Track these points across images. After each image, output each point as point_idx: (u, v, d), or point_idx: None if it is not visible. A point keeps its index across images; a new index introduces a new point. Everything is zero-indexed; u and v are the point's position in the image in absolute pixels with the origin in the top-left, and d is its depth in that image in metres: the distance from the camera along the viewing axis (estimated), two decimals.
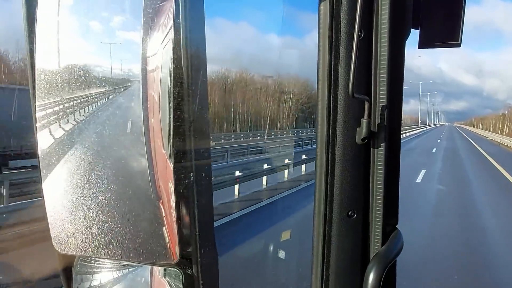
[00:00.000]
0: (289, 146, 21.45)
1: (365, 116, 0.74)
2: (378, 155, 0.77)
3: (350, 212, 0.79)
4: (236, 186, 10.49)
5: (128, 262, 0.63)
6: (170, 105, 0.52)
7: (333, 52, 0.74)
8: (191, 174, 0.54)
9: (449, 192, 12.65)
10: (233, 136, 39.88)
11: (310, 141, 21.52)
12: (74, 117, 0.56)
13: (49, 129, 0.57)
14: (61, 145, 0.57)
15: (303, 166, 14.27)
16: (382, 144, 0.76)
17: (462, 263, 6.27)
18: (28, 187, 8.69)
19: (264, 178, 12.00)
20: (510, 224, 9.07)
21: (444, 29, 0.79)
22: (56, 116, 0.57)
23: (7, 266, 5.22)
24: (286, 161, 14.15)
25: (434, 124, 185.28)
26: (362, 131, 0.74)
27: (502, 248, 7.11)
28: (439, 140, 44.68)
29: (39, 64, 0.56)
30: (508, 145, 38.47)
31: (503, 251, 6.92)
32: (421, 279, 5.47)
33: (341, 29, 0.73)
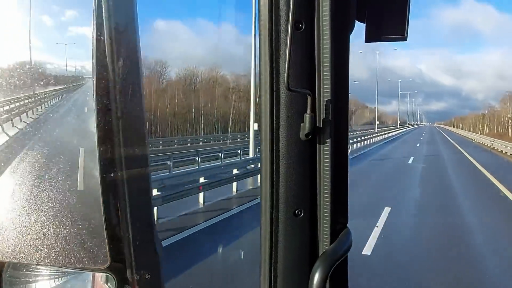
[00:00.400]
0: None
1: (308, 110, 0.73)
2: (324, 151, 0.76)
3: (296, 211, 0.78)
4: (201, 195, 9.68)
5: (58, 268, 0.60)
6: (95, 102, 0.50)
7: (273, 44, 0.73)
8: (121, 174, 0.52)
9: None
10: (201, 139, 39.28)
11: None
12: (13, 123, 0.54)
13: None
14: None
15: None
16: (328, 140, 0.75)
17: None
18: None
19: (234, 184, 11.20)
20: None
21: (391, 22, 0.78)
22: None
23: None
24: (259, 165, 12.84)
25: (415, 124, 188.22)
26: (305, 127, 0.73)
27: None
28: (418, 144, 37.19)
29: None
30: (505, 151, 29.67)
31: None
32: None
33: (281, 21, 0.72)
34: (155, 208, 7.48)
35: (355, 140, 30.65)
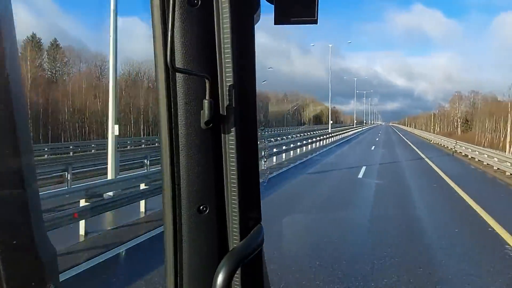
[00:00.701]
0: None
1: (207, 96, 0.68)
2: (229, 141, 0.71)
3: (201, 207, 0.73)
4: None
5: None
6: None
7: (166, 23, 0.66)
8: None
9: None
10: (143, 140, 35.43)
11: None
12: None
13: None
14: None
15: None
16: (233, 129, 0.70)
17: None
18: None
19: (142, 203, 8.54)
20: None
21: (299, 4, 0.73)
22: None
23: None
24: None
25: (372, 123, 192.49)
26: (205, 114, 0.68)
27: None
28: (373, 147, 31.13)
29: None
30: (475, 158, 22.38)
31: None
32: None
33: None
34: (83, 221, 6.74)
35: (299, 144, 24.64)
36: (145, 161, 14.71)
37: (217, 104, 0.69)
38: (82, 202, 6.93)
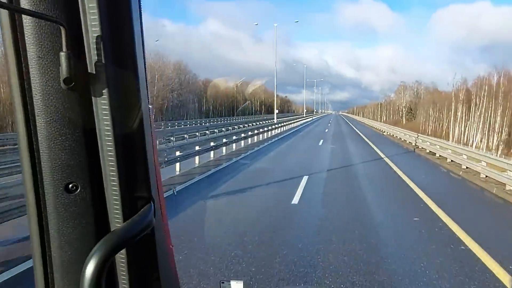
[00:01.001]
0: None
1: (64, 48, 0.55)
2: (102, 105, 0.57)
3: (70, 186, 0.61)
4: None
5: None
6: None
7: None
8: None
9: None
10: None
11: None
12: None
13: None
14: None
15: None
16: (105, 91, 0.57)
17: None
18: None
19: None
20: None
21: None
22: None
23: None
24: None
25: (322, 112, 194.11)
26: (62, 70, 0.56)
27: None
28: (321, 142, 24.73)
29: None
30: (446, 158, 16.55)
31: None
32: None
33: None
34: None
35: (224, 141, 18.23)
36: None
37: (83, 59, 0.57)
38: None
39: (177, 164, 12.07)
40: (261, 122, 39.32)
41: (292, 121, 45.87)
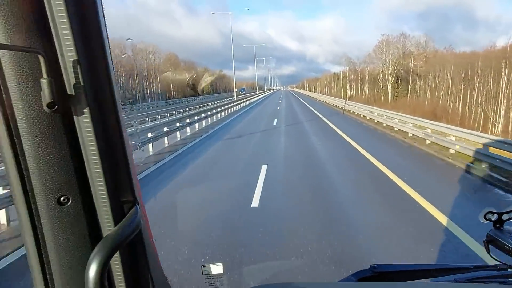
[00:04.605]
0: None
1: (44, 75, 0.62)
2: (84, 123, 0.65)
3: (61, 199, 0.68)
4: None
5: None
6: None
7: None
8: None
9: None
10: None
11: None
12: None
13: None
14: None
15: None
16: (86, 110, 0.65)
17: None
18: None
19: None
20: None
21: None
22: None
23: None
24: None
25: (272, 89, 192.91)
26: (45, 95, 0.62)
27: None
28: (274, 122, 22.82)
29: None
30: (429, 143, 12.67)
31: None
32: None
33: None
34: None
35: (178, 125, 16.74)
36: None
37: (62, 83, 0.64)
38: None
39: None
40: (211, 104, 39.52)
41: (240, 101, 46.39)
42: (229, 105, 35.38)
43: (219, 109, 29.01)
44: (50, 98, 0.61)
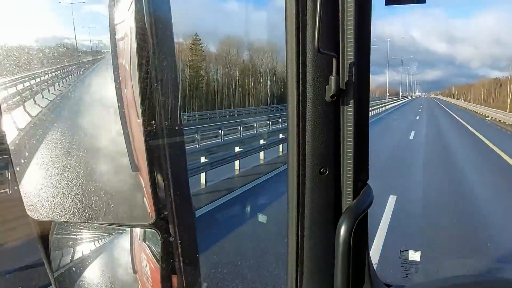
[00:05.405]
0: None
1: (333, 73, 0.78)
2: (348, 112, 0.82)
3: (322, 169, 0.85)
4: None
5: (105, 225, 0.65)
6: (139, 73, 0.53)
7: (299, 8, 0.78)
8: (164, 139, 0.57)
9: None
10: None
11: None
12: (43, 96, 0.59)
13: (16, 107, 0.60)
14: (33, 115, 0.59)
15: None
16: (351, 102, 0.81)
17: None
18: None
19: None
20: None
21: None
22: (20, 95, 0.59)
23: None
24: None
25: (410, 96, 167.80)
26: (331, 88, 0.79)
27: None
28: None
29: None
30: None
31: None
32: None
33: None
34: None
35: None
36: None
37: (339, 79, 0.79)
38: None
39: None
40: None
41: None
42: None
43: None
44: (334, 91, 0.78)
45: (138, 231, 0.64)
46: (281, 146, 14.41)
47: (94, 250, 0.69)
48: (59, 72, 0.58)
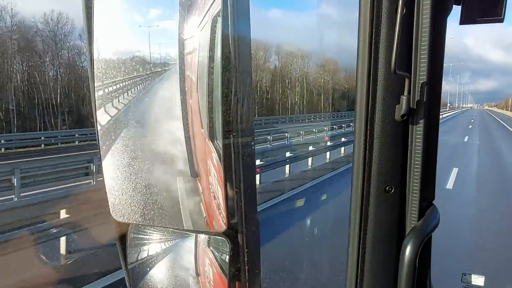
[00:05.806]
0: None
1: (405, 92, 0.78)
2: (417, 132, 0.82)
3: (387, 187, 0.84)
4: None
5: (180, 231, 0.69)
6: (209, 84, 0.58)
7: (373, 29, 0.79)
8: (237, 150, 0.61)
9: None
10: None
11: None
12: (123, 97, 0.65)
13: (105, 107, 0.66)
14: (117, 122, 0.65)
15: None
16: (421, 121, 0.81)
17: None
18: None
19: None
20: None
21: (487, 3, 0.83)
22: (110, 96, 0.66)
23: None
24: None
25: (461, 107, 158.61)
26: (401, 108, 0.79)
27: None
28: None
29: (96, 51, 0.65)
30: None
31: None
32: None
33: (383, 5, 0.78)
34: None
35: None
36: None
37: (409, 99, 0.79)
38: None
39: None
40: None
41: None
42: None
43: None
44: (405, 111, 0.78)
45: (202, 236, 0.69)
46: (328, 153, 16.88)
47: (162, 251, 0.74)
48: (132, 80, 0.64)
